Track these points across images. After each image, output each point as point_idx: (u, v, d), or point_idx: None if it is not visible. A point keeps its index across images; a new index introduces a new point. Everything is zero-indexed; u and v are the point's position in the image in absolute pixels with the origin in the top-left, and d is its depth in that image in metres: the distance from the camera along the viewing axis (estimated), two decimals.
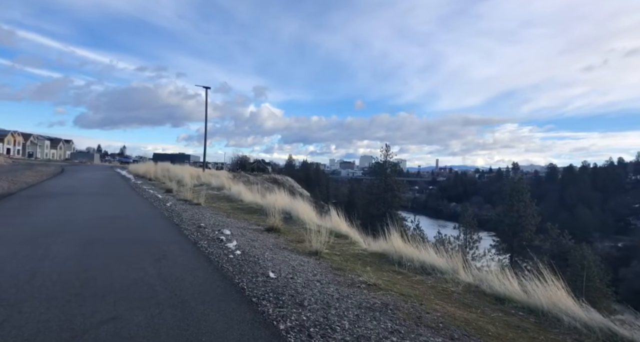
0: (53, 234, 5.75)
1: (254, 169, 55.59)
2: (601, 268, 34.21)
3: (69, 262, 4.22)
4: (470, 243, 45.04)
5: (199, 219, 8.10)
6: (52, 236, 5.62)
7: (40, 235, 5.64)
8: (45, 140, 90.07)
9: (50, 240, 5.31)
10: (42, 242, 5.14)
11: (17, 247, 4.85)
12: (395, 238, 6.09)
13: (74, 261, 4.30)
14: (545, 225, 45.56)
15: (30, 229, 6.12)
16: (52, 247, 4.86)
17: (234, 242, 5.80)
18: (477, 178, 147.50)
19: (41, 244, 5.07)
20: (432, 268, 5.02)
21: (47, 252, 4.58)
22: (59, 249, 4.77)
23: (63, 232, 5.96)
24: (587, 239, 53.69)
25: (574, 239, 41.19)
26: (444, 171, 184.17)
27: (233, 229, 7.15)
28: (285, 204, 10.23)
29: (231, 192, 14.29)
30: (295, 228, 8.18)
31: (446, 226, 72.07)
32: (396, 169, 63.36)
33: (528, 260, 38.19)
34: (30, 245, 4.97)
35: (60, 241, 5.30)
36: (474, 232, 46.53)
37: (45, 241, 5.25)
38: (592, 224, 74.57)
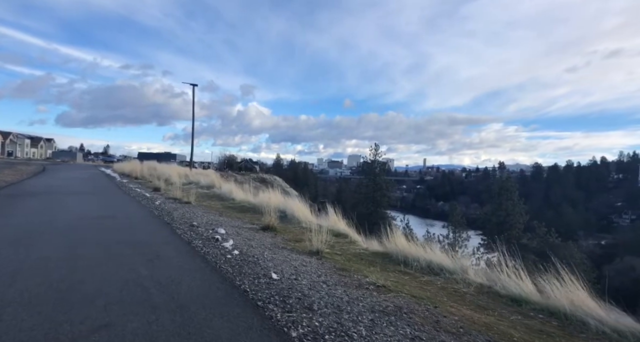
0: (36, 235, 5.38)
1: (241, 168, 55.14)
2: (587, 266, 34.83)
3: (55, 264, 3.88)
4: (459, 242, 45.41)
5: (191, 218, 7.77)
6: (35, 237, 5.25)
7: (22, 236, 5.26)
8: (25, 139, 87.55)
9: (34, 241, 4.95)
10: (24, 244, 4.77)
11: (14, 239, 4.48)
12: (398, 237, 5.89)
13: (59, 262, 3.97)
14: (532, 223, 46.22)
15: (12, 230, 5.72)
16: (35, 249, 4.51)
17: (230, 241, 5.51)
18: (464, 177, 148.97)
19: (23, 245, 4.70)
20: (440, 268, 4.82)
21: (30, 254, 4.24)
22: (43, 251, 4.42)
23: (47, 233, 5.59)
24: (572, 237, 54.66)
25: (560, 237, 41.87)
26: (431, 170, 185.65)
27: (228, 228, 6.85)
28: (279, 202, 9.96)
29: (222, 190, 13.93)
30: (292, 227, 7.92)
31: (434, 225, 72.51)
32: (385, 169, 63.57)
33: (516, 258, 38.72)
34: (11, 246, 4.61)
35: (45, 242, 4.94)
36: (463, 231, 46.92)
37: (28, 242, 4.89)
38: (576, 222, 76.04)
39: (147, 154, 78.14)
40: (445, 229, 48.66)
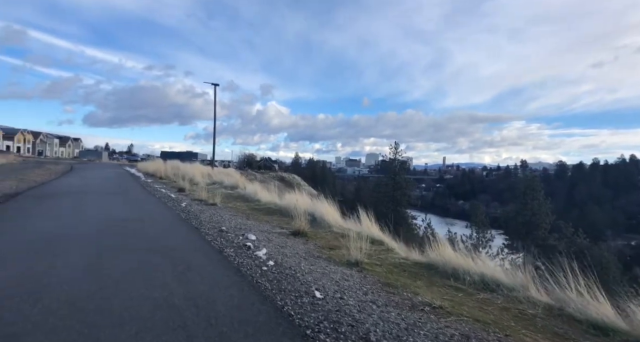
0: (61, 240, 5.17)
1: (260, 167, 55.30)
2: (618, 268, 33.29)
3: (80, 278, 3.61)
4: (482, 242, 44.29)
5: (219, 222, 7.49)
6: (60, 243, 5.03)
7: (46, 242, 5.06)
8: (54, 138, 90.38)
9: (58, 249, 4.72)
10: (48, 252, 4.55)
11: (20, 258, 4.26)
12: (443, 246, 5.42)
13: (85, 275, 3.69)
14: (558, 223, 44.63)
15: (36, 234, 5.54)
16: (59, 258, 4.26)
17: (264, 250, 5.17)
18: (485, 176, 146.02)
19: (47, 253, 4.47)
20: (496, 283, 4.34)
21: (54, 265, 3.98)
22: (67, 261, 4.16)
23: (73, 238, 5.37)
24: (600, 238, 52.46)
25: (588, 238, 40.23)
26: (451, 168, 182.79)
27: (257, 234, 6.53)
28: (306, 204, 9.59)
29: (246, 191, 13.67)
30: (322, 232, 7.54)
31: (455, 224, 71.10)
32: (405, 167, 62.58)
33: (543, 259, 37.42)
34: (35, 255, 4.38)
35: (70, 249, 4.70)
36: (486, 230, 45.74)
37: (52, 250, 4.66)
38: (603, 222, 73.14)
39: (170, 153, 79.42)
40: (466, 229, 47.55)
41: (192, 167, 25.52)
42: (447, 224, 68.79)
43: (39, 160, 43.18)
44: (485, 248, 43.62)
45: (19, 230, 5.77)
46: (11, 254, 4.41)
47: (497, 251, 42.03)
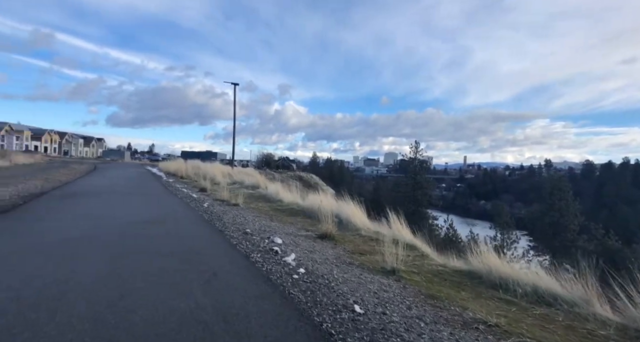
0: (82, 243, 4.97)
1: (278, 166, 55.40)
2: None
3: (100, 286, 3.35)
4: (507, 244, 43.08)
5: (243, 223, 7.23)
6: (80, 246, 4.84)
7: (67, 245, 4.87)
8: (79, 138, 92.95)
9: (79, 252, 4.52)
10: (69, 256, 4.34)
11: (39, 263, 4.06)
12: (487, 252, 4.98)
13: (106, 283, 3.44)
14: (587, 225, 42.98)
15: (58, 236, 5.37)
16: (80, 263, 4.04)
17: (292, 255, 4.85)
18: (507, 175, 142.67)
19: (68, 257, 4.26)
20: (553, 296, 3.89)
21: (74, 271, 3.75)
22: (88, 266, 3.93)
23: (93, 241, 5.17)
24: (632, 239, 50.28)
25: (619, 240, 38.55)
26: (472, 168, 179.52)
27: (283, 237, 6.23)
28: (331, 205, 9.24)
29: (268, 191, 13.43)
30: (350, 235, 7.18)
31: (476, 224, 69.54)
32: (426, 166, 61.51)
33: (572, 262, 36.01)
34: (55, 260, 4.17)
35: (90, 253, 4.49)
36: (511, 231, 44.49)
37: (73, 253, 4.46)
38: (635, 223, 70.08)
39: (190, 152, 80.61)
40: (488, 229, 46.34)
41: (213, 166, 25.57)
42: (468, 224, 67.29)
43: (64, 160, 44.29)
44: (510, 250, 42.49)
45: (40, 231, 5.63)
46: (30, 258, 4.23)
47: (523, 252, 40.81)
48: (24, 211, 7.60)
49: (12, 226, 5.99)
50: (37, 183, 13.33)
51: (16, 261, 4.09)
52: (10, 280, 3.45)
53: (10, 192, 10.19)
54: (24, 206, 8.12)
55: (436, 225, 47.69)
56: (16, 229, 5.76)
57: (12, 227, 5.90)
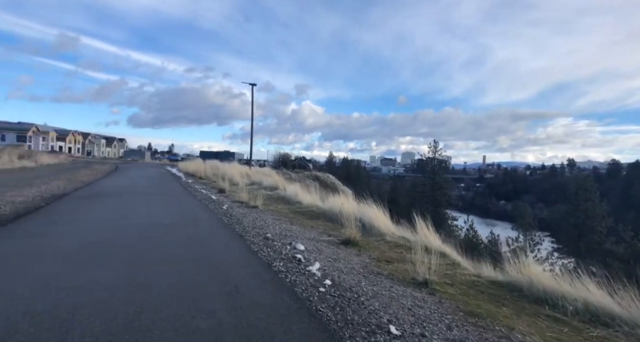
0: (100, 249, 4.81)
1: (295, 166, 55.41)
2: None
3: (117, 300, 3.15)
4: (530, 245, 41.88)
5: (263, 227, 7.01)
6: (98, 252, 4.68)
7: (84, 250, 4.73)
8: (101, 139, 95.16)
9: (96, 259, 4.35)
10: (85, 262, 4.18)
11: (55, 270, 3.89)
12: (527, 262, 4.60)
13: (123, 296, 3.23)
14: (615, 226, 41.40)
15: (76, 240, 5.24)
16: (96, 272, 3.85)
17: (316, 264, 4.58)
18: (529, 175, 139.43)
19: (84, 264, 4.10)
20: (608, 315, 3.51)
21: (90, 281, 3.56)
22: (104, 275, 3.74)
23: (111, 246, 5.02)
24: None
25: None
26: (491, 167, 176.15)
27: (305, 242, 5.97)
28: (353, 208, 8.94)
29: (287, 193, 13.22)
30: (374, 240, 6.87)
31: (496, 225, 67.94)
32: (445, 166, 60.43)
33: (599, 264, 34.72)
34: (70, 267, 4.01)
35: (108, 260, 4.31)
36: (534, 233, 43.28)
37: (90, 260, 4.29)
38: None
39: (208, 152, 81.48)
40: (509, 230, 45.13)
41: (231, 167, 25.59)
42: (487, 225, 65.76)
43: (87, 161, 45.30)
44: (533, 252, 41.29)
45: (59, 235, 5.53)
46: (45, 264, 4.08)
47: (547, 254, 39.61)
48: (45, 213, 7.57)
49: (31, 228, 5.92)
50: (59, 184, 13.48)
51: (31, 266, 3.95)
52: (22, 288, 3.30)
53: (33, 194, 10.27)
54: (45, 208, 8.10)
55: (455, 226, 46.83)
56: (35, 232, 5.67)
57: (31, 230, 5.82)
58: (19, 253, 4.51)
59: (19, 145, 45.24)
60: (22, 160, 25.20)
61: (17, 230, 5.83)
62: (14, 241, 5.16)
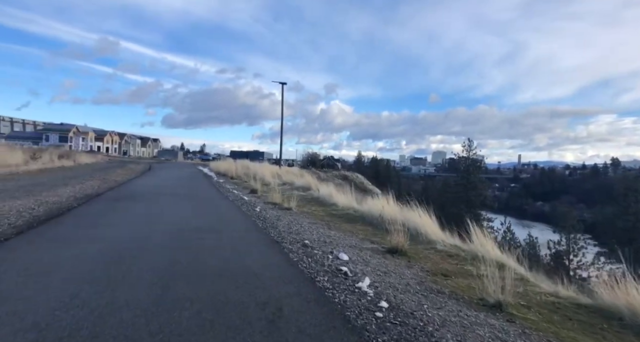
0: (127, 259, 4.35)
1: (323, 165, 55.09)
2: None
3: (141, 329, 2.64)
4: (574, 249, 39.59)
5: (299, 232, 6.48)
6: (124, 263, 4.24)
7: (110, 261, 4.32)
8: (136, 139, 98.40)
9: (121, 271, 3.90)
10: (109, 276, 3.74)
11: (75, 286, 3.47)
12: (622, 281, 3.80)
13: (147, 323, 2.73)
14: None
15: (102, 248, 4.86)
16: (120, 290, 3.38)
17: (366, 279, 3.98)
18: (568, 175, 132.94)
19: (108, 279, 3.66)
20: None
21: (112, 302, 3.08)
22: (129, 294, 3.26)
23: (140, 255, 4.59)
24: None
25: None
26: (527, 167, 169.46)
27: (347, 250, 5.40)
28: (394, 212, 8.27)
29: (320, 194, 12.68)
30: (423, 249, 6.19)
31: (533, 227, 64.93)
32: (480, 166, 58.24)
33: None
34: (93, 282, 3.56)
35: (134, 273, 3.85)
36: (579, 236, 40.89)
37: (115, 272, 3.86)
38: None
39: (238, 152, 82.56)
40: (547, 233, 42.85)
41: (261, 166, 25.41)
42: (524, 226, 62.94)
43: (123, 160, 46.63)
44: (578, 256, 39.02)
45: (87, 240, 5.20)
46: (66, 279, 3.69)
47: (593, 259, 37.23)
48: (75, 215, 7.36)
49: (58, 234, 5.63)
50: (94, 184, 13.54)
51: (51, 281, 3.54)
52: (39, 312, 2.85)
53: (67, 194, 10.24)
54: (76, 210, 7.92)
55: (491, 227, 44.89)
56: (62, 237, 5.37)
57: (57, 235, 5.51)
58: (40, 265, 4.17)
59: (60, 146, 47.28)
60: (62, 159, 26.00)
61: (45, 234, 5.56)
62: (36, 247, 4.86)
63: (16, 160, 19.94)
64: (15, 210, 7.34)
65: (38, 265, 3.99)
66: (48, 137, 72.40)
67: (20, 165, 19.21)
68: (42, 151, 26.65)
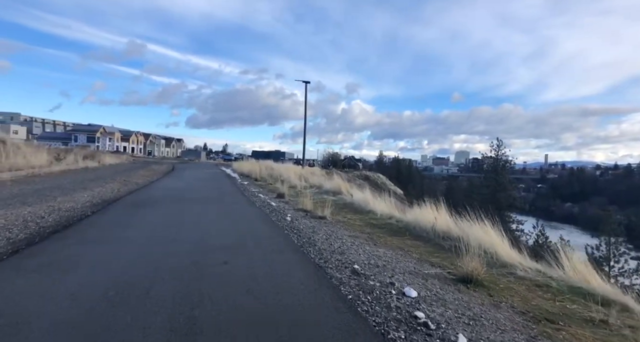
0: (133, 297, 3.34)
1: (344, 165, 54.24)
2: None
3: None
4: (615, 255, 37.18)
5: (344, 251, 5.40)
6: (135, 296, 3.29)
7: (120, 290, 3.37)
8: (161, 139, 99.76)
9: (131, 312, 2.94)
10: (106, 326, 2.76)
11: (76, 322, 2.51)
12: None
13: None
14: None
15: (105, 279, 3.93)
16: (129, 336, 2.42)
17: (460, 338, 2.86)
18: (599, 175, 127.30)
19: (117, 320, 2.68)
20: None
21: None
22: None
23: (154, 286, 3.60)
24: None
25: None
26: (554, 167, 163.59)
27: (409, 279, 4.29)
28: (449, 224, 7.10)
29: (353, 199, 11.56)
30: (499, 275, 4.97)
31: (561, 229, 62.08)
32: (509, 167, 55.82)
33: None
34: (96, 321, 2.61)
35: (139, 323, 2.86)
36: (621, 242, 38.44)
37: (124, 312, 2.90)
38: None
39: (260, 152, 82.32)
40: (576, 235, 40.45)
41: (286, 168, 24.50)
42: (552, 228, 59.96)
43: (146, 160, 46.73)
44: (619, 262, 36.74)
45: (87, 266, 4.26)
46: (69, 313, 2.73)
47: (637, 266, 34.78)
48: (86, 226, 6.49)
49: (56, 254, 4.73)
50: (114, 186, 12.87)
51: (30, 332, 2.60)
52: None
53: (84, 199, 9.51)
54: (88, 220, 7.07)
55: (521, 230, 42.66)
56: (57, 262, 4.44)
57: (54, 258, 4.59)
58: (20, 305, 3.25)
59: (86, 146, 47.78)
60: (86, 160, 25.81)
61: (41, 254, 4.66)
62: (22, 278, 3.95)
63: (40, 161, 19.65)
64: (22, 219, 6.57)
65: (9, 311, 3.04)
66: (76, 137, 74.09)
67: (43, 167, 18.90)
68: (67, 152, 26.52)
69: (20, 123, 77.61)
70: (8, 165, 16.22)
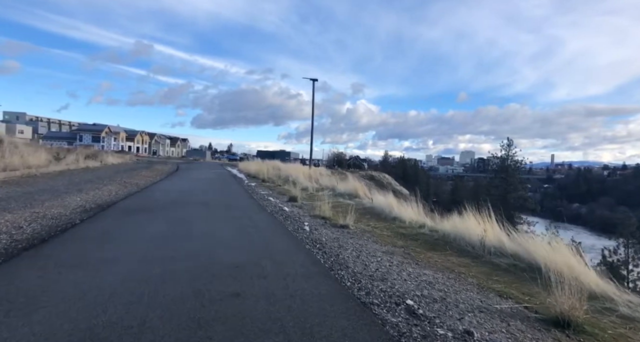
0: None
1: (350, 165, 53.54)
2: None
3: None
4: (634, 259, 35.83)
5: (385, 277, 4.28)
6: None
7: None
8: (166, 139, 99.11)
9: None
10: None
11: None
12: None
13: None
14: None
15: (86, 311, 2.85)
16: None
17: None
18: (606, 176, 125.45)
19: None
20: None
21: None
22: None
23: (140, 334, 2.53)
24: None
25: None
26: (561, 167, 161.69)
27: (483, 321, 3.18)
28: (500, 237, 5.95)
29: (374, 204, 10.42)
30: (596, 312, 3.82)
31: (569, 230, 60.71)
32: (519, 167, 54.57)
33: None
34: None
35: None
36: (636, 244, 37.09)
37: None
38: None
39: (265, 152, 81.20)
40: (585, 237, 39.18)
41: (294, 168, 23.40)
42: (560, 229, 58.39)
43: (150, 160, 45.87)
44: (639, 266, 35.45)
45: (56, 304, 3.17)
46: None
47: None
48: (67, 240, 5.39)
49: (19, 283, 3.66)
50: (112, 189, 11.84)
51: None
52: None
53: (75, 204, 8.46)
54: (73, 231, 6.00)
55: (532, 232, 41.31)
56: (13, 296, 3.38)
57: (14, 289, 3.54)
58: None
59: (89, 146, 47.05)
60: (88, 160, 24.88)
61: None
62: None
63: (38, 161, 18.69)
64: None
65: None
66: (81, 137, 73.60)
67: (41, 167, 17.93)
68: (68, 151, 25.63)
69: (25, 123, 77.29)
70: (3, 165, 15.25)
